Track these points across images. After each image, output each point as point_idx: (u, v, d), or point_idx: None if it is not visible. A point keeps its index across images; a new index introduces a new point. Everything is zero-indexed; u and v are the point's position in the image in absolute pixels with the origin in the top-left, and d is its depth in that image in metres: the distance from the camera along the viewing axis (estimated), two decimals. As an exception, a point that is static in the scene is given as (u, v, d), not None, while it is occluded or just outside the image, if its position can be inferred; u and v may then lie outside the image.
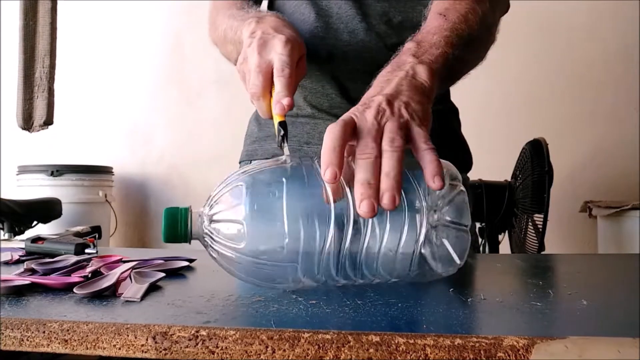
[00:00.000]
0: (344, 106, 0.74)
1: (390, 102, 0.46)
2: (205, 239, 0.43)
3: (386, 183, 0.39)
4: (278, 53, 0.55)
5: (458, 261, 0.44)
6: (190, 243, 0.44)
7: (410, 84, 0.50)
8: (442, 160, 0.43)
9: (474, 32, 0.61)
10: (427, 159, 0.41)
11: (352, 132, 0.43)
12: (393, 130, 0.42)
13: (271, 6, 0.86)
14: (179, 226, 0.43)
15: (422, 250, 0.42)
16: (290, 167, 0.43)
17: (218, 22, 0.75)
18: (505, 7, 0.73)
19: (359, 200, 0.38)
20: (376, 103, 0.46)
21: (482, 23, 0.62)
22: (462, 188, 0.45)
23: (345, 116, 0.44)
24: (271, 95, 0.55)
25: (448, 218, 0.44)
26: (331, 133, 0.41)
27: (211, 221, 0.43)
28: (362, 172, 0.39)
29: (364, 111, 0.45)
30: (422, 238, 0.42)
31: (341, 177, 0.40)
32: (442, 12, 0.61)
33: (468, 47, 0.60)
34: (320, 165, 0.41)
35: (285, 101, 0.51)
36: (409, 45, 0.56)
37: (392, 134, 0.42)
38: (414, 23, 0.65)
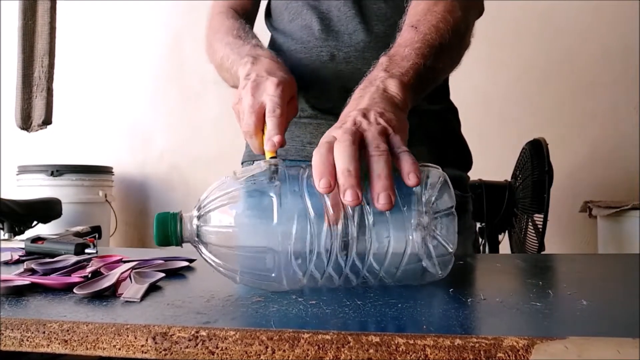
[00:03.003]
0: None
1: (365, 114, 0.48)
2: (196, 242, 0.44)
3: (379, 184, 0.39)
4: (270, 95, 0.58)
5: (451, 248, 0.44)
6: (182, 246, 0.45)
7: (382, 96, 0.52)
8: (425, 164, 0.44)
9: (445, 41, 0.62)
10: (402, 159, 0.42)
11: None
12: (374, 137, 0.44)
13: (268, 12, 0.87)
14: (169, 231, 0.44)
15: (423, 264, 0.43)
16: (279, 171, 0.44)
17: (215, 47, 0.77)
18: (479, 12, 0.75)
19: (343, 191, 0.39)
20: (352, 118, 0.47)
21: (453, 31, 0.64)
22: (442, 172, 0.45)
23: (326, 137, 0.45)
24: (263, 133, 0.58)
25: (436, 211, 0.44)
26: (318, 154, 0.42)
27: (201, 224, 0.43)
28: (340, 161, 0.40)
29: (341, 127, 0.46)
30: (420, 251, 0.42)
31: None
32: (414, 24, 0.63)
33: (440, 56, 0.62)
34: (309, 171, 0.42)
35: (276, 139, 0.54)
36: (381, 60, 0.58)
37: (375, 141, 0.43)
38: None
